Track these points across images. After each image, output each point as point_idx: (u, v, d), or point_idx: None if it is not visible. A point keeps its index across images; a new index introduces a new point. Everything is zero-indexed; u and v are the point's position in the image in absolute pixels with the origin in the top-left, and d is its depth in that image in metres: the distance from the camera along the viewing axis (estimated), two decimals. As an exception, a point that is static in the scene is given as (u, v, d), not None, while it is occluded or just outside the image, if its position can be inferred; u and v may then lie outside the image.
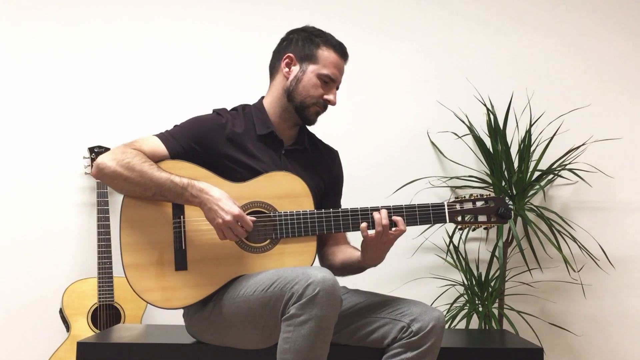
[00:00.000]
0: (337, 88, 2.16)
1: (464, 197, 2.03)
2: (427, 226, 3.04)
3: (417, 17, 3.24)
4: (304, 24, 2.20)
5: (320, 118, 2.17)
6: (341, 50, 2.14)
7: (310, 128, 2.22)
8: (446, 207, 2.00)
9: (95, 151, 3.02)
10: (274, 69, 2.17)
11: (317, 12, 3.19)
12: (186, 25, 3.21)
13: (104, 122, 3.15)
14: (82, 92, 3.17)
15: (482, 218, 2.02)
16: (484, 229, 2.05)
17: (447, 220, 2.00)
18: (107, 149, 3.01)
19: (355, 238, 2.11)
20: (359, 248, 2.04)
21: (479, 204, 2.02)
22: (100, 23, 3.18)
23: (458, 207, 2.01)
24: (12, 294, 3.08)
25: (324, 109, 2.13)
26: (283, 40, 2.17)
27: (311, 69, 2.09)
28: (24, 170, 3.13)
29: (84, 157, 3.07)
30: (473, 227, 2.03)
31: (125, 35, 3.19)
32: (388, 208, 1.98)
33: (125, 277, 1.97)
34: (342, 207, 2.18)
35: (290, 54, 2.11)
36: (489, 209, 2.02)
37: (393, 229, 1.95)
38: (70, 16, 3.18)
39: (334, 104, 2.13)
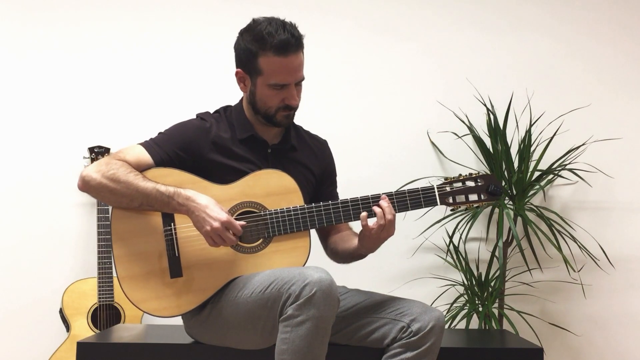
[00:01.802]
0: (302, 79, 2.03)
1: (453, 177, 2.02)
2: (427, 226, 3.03)
3: (417, 17, 3.24)
4: (305, 24, 2.14)
5: (320, 118, 2.17)
6: (283, 49, 1.94)
7: (297, 121, 2.18)
8: (436, 189, 1.99)
9: (95, 151, 3.01)
10: None
11: (317, 12, 3.19)
12: (186, 26, 3.21)
13: (104, 122, 3.16)
14: (82, 92, 3.17)
15: (472, 197, 1.99)
16: (477, 207, 2.04)
17: (438, 203, 1.99)
18: (107, 149, 3.01)
19: (354, 225, 2.10)
20: (358, 234, 2.03)
21: (468, 183, 2.00)
22: (100, 23, 3.18)
23: (448, 188, 2.00)
24: (12, 293, 3.08)
25: (292, 109, 2.05)
26: (234, 50, 2.09)
27: (260, 81, 2.00)
28: (24, 170, 3.13)
29: (84, 157, 3.07)
30: (465, 206, 2.02)
31: (125, 36, 3.19)
32: (377, 196, 1.97)
33: (122, 289, 1.96)
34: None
35: (239, 69, 2.06)
36: (480, 187, 2.00)
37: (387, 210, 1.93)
38: (70, 16, 3.18)
39: (296, 105, 2.03)
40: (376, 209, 1.94)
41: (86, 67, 3.17)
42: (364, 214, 1.95)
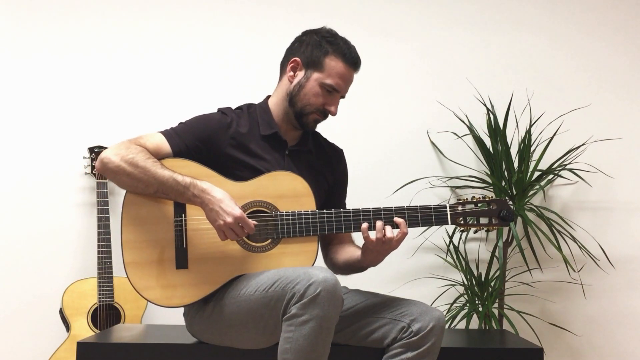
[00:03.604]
0: (343, 97, 2.13)
1: (466, 199, 2.02)
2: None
3: (417, 17, 3.24)
4: (305, 24, 2.18)
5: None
6: (351, 60, 2.08)
7: None
8: (448, 209, 2.00)
9: (95, 151, 3.02)
10: (282, 68, 2.15)
11: (318, 12, 3.19)
12: (186, 25, 3.21)
13: (104, 122, 3.16)
14: (82, 92, 3.17)
15: (484, 220, 2.01)
16: (486, 231, 2.05)
17: (449, 222, 2.00)
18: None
19: (358, 237, 2.11)
20: (361, 247, 2.04)
21: (481, 206, 2.01)
22: (100, 23, 3.18)
23: (460, 208, 2.00)
24: (13, 293, 3.08)
25: (324, 117, 2.12)
26: (295, 40, 2.14)
27: (315, 76, 2.06)
28: (24, 170, 3.13)
29: (84, 157, 3.07)
30: (476, 229, 2.03)
31: (126, 35, 3.19)
32: (389, 209, 1.97)
33: (126, 274, 1.97)
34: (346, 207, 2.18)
35: (297, 58, 2.09)
36: (491, 211, 2.01)
37: (395, 231, 1.94)
38: (70, 16, 3.18)
39: (334, 114, 2.10)
40: (378, 223, 1.94)
41: (86, 67, 3.17)
42: (364, 225, 1.95)
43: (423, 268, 3.14)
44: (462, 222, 2.00)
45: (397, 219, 1.96)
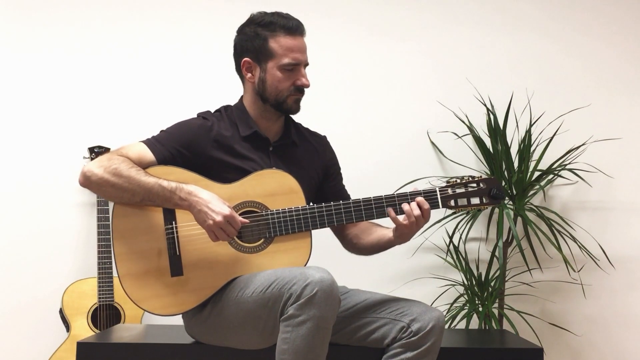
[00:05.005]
0: (307, 65, 2.09)
1: (456, 180, 2.01)
2: (427, 226, 3.01)
3: (417, 17, 3.24)
4: (306, 24, 2.16)
5: (320, 118, 2.17)
6: (292, 29, 2.03)
7: (297, 118, 2.19)
8: (438, 192, 1.99)
9: (95, 151, 3.02)
10: (239, 74, 2.14)
11: (317, 12, 3.19)
12: (186, 26, 3.21)
13: (104, 122, 3.16)
14: (82, 92, 3.17)
15: (475, 200, 1.99)
16: (478, 210, 2.03)
17: (440, 206, 1.99)
18: (107, 149, 3.01)
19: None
20: (386, 227, 2.07)
21: (471, 186, 2.00)
22: (100, 23, 3.19)
23: (450, 191, 1.99)
24: (12, 293, 3.09)
25: (302, 93, 2.09)
26: (235, 44, 2.13)
27: (270, 65, 2.04)
28: (24, 170, 3.13)
29: (84, 157, 3.07)
30: (467, 210, 2.02)
31: (125, 36, 3.19)
32: (380, 198, 1.97)
33: (122, 287, 1.96)
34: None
35: (246, 59, 2.07)
36: (482, 191, 1.99)
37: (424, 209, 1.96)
38: (70, 16, 3.18)
39: (307, 86, 2.07)
40: (404, 206, 1.95)
41: (86, 67, 3.17)
42: (391, 212, 1.96)
43: (423, 268, 3.14)
44: (453, 204, 1.99)
45: (419, 199, 1.96)
